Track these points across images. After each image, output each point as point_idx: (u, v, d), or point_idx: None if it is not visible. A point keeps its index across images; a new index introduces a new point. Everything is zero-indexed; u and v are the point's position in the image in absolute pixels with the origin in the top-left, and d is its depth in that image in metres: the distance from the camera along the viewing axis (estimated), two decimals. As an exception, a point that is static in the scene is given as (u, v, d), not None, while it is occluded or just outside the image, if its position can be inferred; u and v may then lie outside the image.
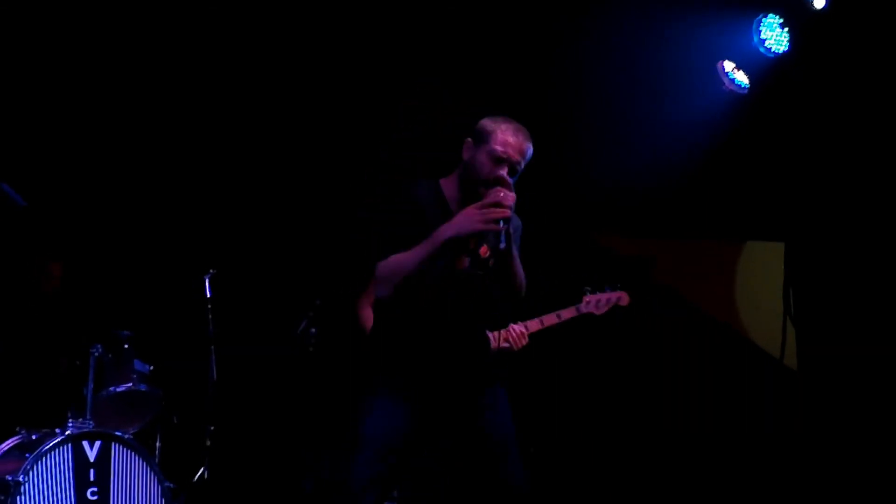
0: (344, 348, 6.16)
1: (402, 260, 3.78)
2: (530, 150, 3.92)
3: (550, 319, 5.52)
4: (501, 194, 3.72)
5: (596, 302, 5.59)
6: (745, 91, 5.70)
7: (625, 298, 5.62)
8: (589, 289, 5.67)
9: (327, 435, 6.50)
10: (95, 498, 5.07)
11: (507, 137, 3.88)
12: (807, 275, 5.46)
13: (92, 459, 5.11)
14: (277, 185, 6.73)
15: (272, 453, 6.51)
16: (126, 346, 5.53)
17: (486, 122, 3.94)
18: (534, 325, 5.51)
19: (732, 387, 6.26)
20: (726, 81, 5.72)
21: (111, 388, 5.44)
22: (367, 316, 5.73)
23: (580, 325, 5.50)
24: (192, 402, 5.88)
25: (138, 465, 5.24)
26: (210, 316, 5.81)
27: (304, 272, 6.61)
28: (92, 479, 5.08)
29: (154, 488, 5.27)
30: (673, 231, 6.58)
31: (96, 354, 5.34)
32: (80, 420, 5.20)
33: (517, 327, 5.59)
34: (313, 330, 5.66)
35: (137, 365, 5.56)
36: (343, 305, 5.82)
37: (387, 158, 6.09)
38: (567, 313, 5.52)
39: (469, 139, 3.97)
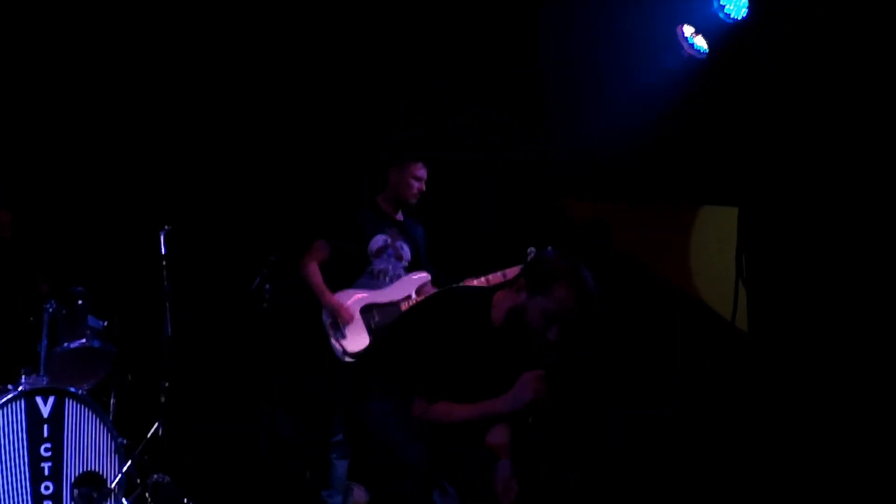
0: (298, 304, 6.18)
1: (442, 416, 3.73)
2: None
3: (496, 278, 5.64)
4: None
5: None
6: (704, 56, 5.73)
7: None
8: (534, 249, 5.73)
9: (282, 391, 6.52)
10: (49, 454, 5.06)
11: (569, 300, 3.73)
12: (759, 239, 5.53)
13: (45, 415, 5.10)
14: (234, 142, 6.70)
15: (227, 410, 6.52)
16: (80, 302, 5.46)
17: (551, 267, 3.82)
18: (480, 283, 5.61)
19: (686, 349, 6.35)
20: (685, 46, 5.75)
21: (65, 345, 5.39)
22: (313, 271, 5.77)
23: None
24: (146, 358, 5.86)
25: (92, 421, 5.23)
26: (165, 272, 5.77)
27: (258, 229, 6.60)
28: (45, 434, 5.08)
29: (108, 444, 5.28)
30: (630, 195, 6.63)
31: (50, 310, 5.31)
32: (34, 376, 5.18)
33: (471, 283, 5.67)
34: (268, 286, 5.66)
35: (91, 321, 5.51)
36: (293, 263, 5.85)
37: (387, 158, 6.08)
38: (512, 271, 5.62)
39: (522, 279, 3.82)
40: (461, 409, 3.72)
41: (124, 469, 5.28)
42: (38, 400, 5.08)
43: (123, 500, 5.27)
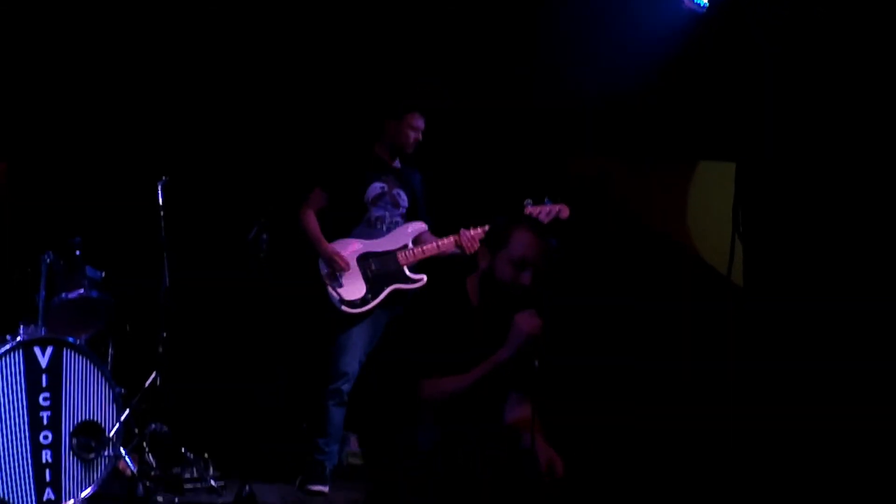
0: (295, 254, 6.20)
1: (457, 384, 3.80)
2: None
3: (447, 244, 5.74)
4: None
5: (538, 213, 5.71)
6: (705, 9, 5.70)
7: (565, 211, 5.76)
8: (530, 201, 5.76)
9: (280, 341, 6.56)
10: (47, 403, 5.11)
11: (529, 239, 3.90)
12: (756, 194, 5.53)
13: (44, 365, 5.13)
14: (231, 92, 6.68)
15: (224, 360, 6.56)
16: (77, 253, 5.48)
17: (504, 224, 3.98)
18: (477, 233, 5.64)
19: (682, 303, 6.37)
20: (686, -1, 5.71)
21: (63, 295, 5.41)
22: (310, 220, 5.78)
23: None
24: (144, 308, 5.89)
25: (90, 371, 5.27)
26: (162, 223, 5.78)
27: (255, 179, 6.60)
28: (44, 384, 5.12)
29: (105, 393, 5.32)
30: (628, 150, 6.62)
31: (48, 261, 5.32)
32: (32, 327, 5.21)
33: (470, 231, 5.69)
34: (265, 236, 5.65)
35: (89, 271, 5.53)
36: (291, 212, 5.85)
37: (384, 108, 6.06)
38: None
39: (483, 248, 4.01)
40: (469, 374, 3.79)
41: (122, 418, 5.33)
42: (37, 350, 5.11)
43: (121, 448, 5.33)
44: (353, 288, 5.72)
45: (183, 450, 5.66)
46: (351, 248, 5.79)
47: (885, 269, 4.96)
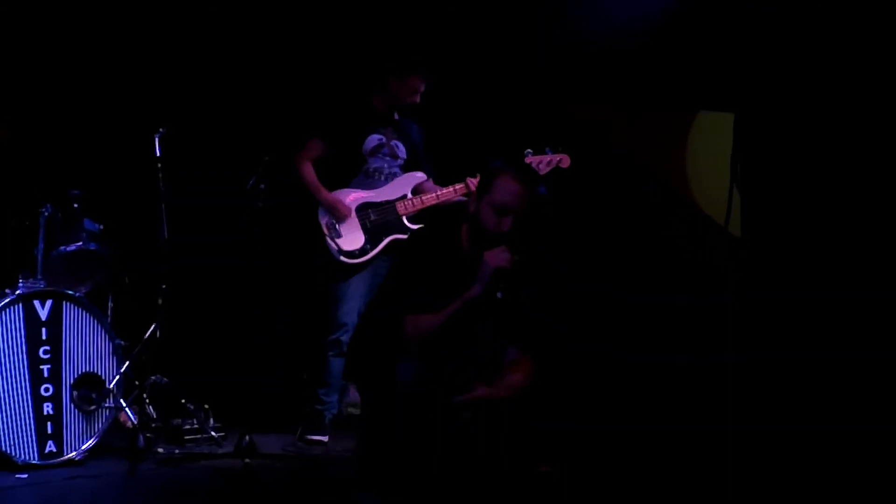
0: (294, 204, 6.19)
1: (433, 321, 3.87)
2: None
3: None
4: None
5: (538, 163, 5.73)
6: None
7: (566, 160, 5.77)
8: (531, 151, 5.77)
9: (279, 291, 6.58)
10: (48, 356, 5.16)
11: (511, 184, 3.95)
12: (754, 145, 5.51)
13: (44, 318, 5.17)
14: (227, 42, 6.64)
15: (224, 311, 6.58)
16: (76, 206, 5.47)
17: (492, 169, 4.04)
18: (473, 182, 5.65)
19: (680, 252, 6.36)
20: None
21: (61, 248, 5.40)
22: (307, 169, 5.77)
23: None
24: (143, 260, 5.90)
25: (90, 324, 5.32)
26: (160, 174, 5.77)
27: (253, 128, 6.58)
28: (44, 337, 5.16)
29: (105, 345, 5.37)
30: (629, 99, 6.58)
31: (46, 214, 5.33)
32: (32, 280, 5.23)
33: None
34: (263, 186, 5.65)
35: (87, 224, 5.52)
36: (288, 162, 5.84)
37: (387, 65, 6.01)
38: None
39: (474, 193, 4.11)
40: (443, 311, 3.87)
41: (122, 370, 5.38)
42: (36, 303, 5.15)
43: (122, 400, 5.37)
44: (351, 238, 5.72)
45: (183, 401, 5.70)
46: (350, 198, 5.79)
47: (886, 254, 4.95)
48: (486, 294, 3.84)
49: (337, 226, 5.70)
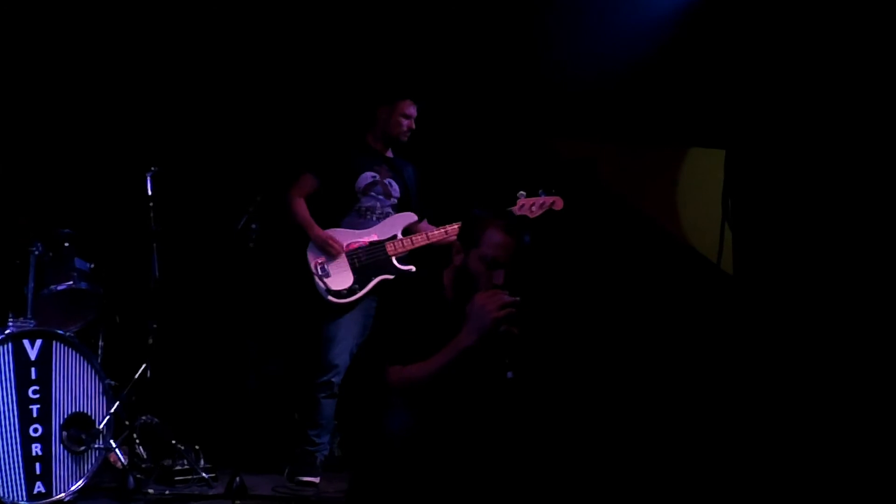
0: (285, 244, 6.18)
1: (422, 372, 3.74)
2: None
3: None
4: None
5: (530, 205, 5.74)
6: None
7: (559, 203, 5.77)
8: (524, 193, 5.78)
9: (271, 331, 6.55)
10: (37, 396, 5.11)
11: (501, 238, 3.88)
12: (745, 182, 5.53)
13: (33, 358, 5.13)
14: (220, 80, 6.65)
15: (215, 351, 6.55)
16: (67, 245, 5.47)
17: (476, 219, 3.96)
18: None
19: (671, 290, 6.36)
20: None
21: (52, 287, 5.40)
22: (299, 205, 5.76)
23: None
24: (133, 299, 5.88)
25: (79, 364, 5.28)
26: (152, 213, 5.76)
27: (245, 168, 6.58)
28: (33, 377, 5.12)
29: (95, 385, 5.33)
30: (618, 136, 6.61)
31: (36, 253, 5.31)
32: (21, 319, 5.20)
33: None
34: (254, 226, 5.64)
35: (78, 263, 5.52)
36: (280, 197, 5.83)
37: (376, 96, 6.03)
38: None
39: (457, 243, 3.98)
40: (433, 360, 3.74)
41: (112, 410, 5.33)
42: (26, 343, 5.11)
43: (112, 441, 5.33)
44: (340, 278, 5.70)
45: (173, 441, 5.65)
46: (340, 237, 5.78)
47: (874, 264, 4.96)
48: (480, 342, 3.72)
49: (326, 265, 5.69)
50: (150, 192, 5.75)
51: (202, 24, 6.52)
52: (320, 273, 5.67)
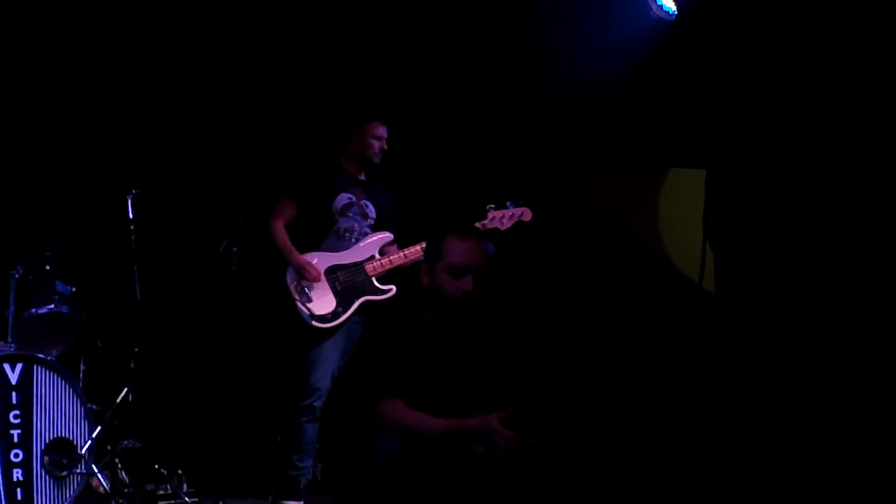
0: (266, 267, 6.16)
1: (417, 423, 3.74)
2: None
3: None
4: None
5: (500, 217, 5.80)
6: (673, 17, 5.73)
7: (528, 214, 5.85)
8: (493, 206, 5.83)
9: (252, 355, 6.53)
10: (18, 421, 5.06)
11: (462, 244, 3.89)
12: (726, 202, 5.56)
13: (14, 382, 5.09)
14: (200, 105, 6.66)
15: (196, 375, 6.51)
16: (48, 268, 5.44)
17: (435, 236, 3.98)
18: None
19: (653, 310, 6.38)
20: (654, 7, 5.74)
21: (33, 310, 5.37)
22: (279, 231, 5.75)
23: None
24: (115, 323, 5.84)
25: (61, 388, 5.23)
26: (133, 236, 5.74)
27: (225, 191, 6.57)
28: (14, 401, 5.08)
29: (77, 410, 5.27)
30: (600, 155, 6.64)
31: (17, 276, 5.29)
32: (2, 343, 5.18)
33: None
34: (235, 249, 5.64)
35: (60, 286, 5.49)
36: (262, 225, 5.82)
37: (347, 118, 6.03)
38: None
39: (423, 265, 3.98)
40: (437, 423, 3.73)
41: (94, 435, 5.28)
42: (6, 367, 5.07)
43: (94, 466, 5.28)
44: (322, 302, 5.69)
45: (156, 466, 5.61)
46: (316, 261, 5.77)
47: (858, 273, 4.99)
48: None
49: (306, 289, 5.67)
50: (130, 215, 5.73)
51: (181, 48, 6.53)
52: (301, 298, 5.66)
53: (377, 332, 4.04)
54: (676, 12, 5.69)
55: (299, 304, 5.65)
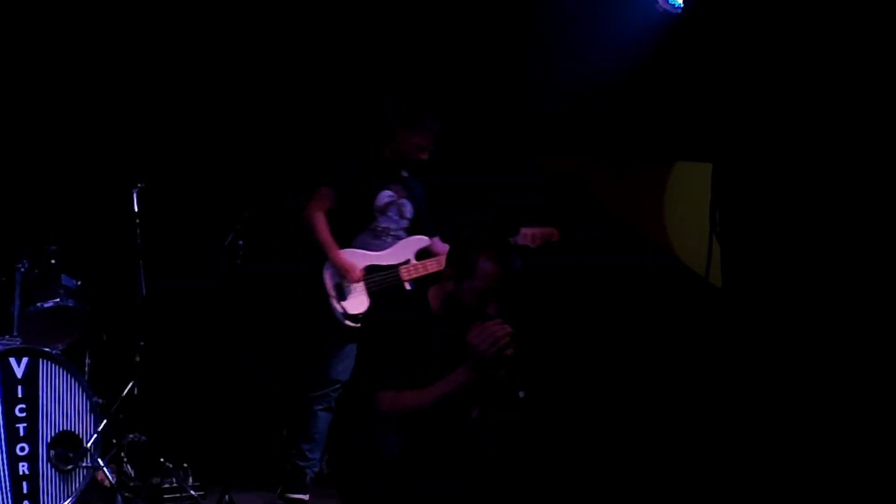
0: (272, 259, 6.16)
1: (413, 401, 3.72)
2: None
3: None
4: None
5: (531, 235, 5.75)
6: (679, 10, 5.70)
7: (556, 235, 5.84)
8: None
9: (258, 348, 6.53)
10: (24, 415, 5.07)
11: (495, 271, 3.84)
12: (733, 195, 5.53)
13: (19, 376, 5.09)
14: (204, 100, 6.65)
15: (202, 368, 6.52)
16: (53, 262, 5.44)
17: (469, 247, 3.93)
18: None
19: (660, 304, 6.36)
20: (661, 0, 5.71)
21: (38, 304, 5.37)
22: (320, 222, 5.66)
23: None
24: (121, 317, 5.85)
25: (67, 381, 5.23)
26: (138, 230, 5.74)
27: (231, 185, 6.57)
28: (20, 395, 5.08)
29: (83, 404, 5.28)
30: (606, 150, 6.63)
31: (22, 270, 5.29)
32: (7, 337, 5.17)
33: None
34: (241, 242, 5.62)
35: (65, 280, 5.49)
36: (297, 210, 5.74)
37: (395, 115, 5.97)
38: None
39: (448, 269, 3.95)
40: (429, 391, 3.72)
41: (100, 429, 5.29)
42: (12, 361, 5.07)
43: (99, 459, 5.29)
44: (356, 302, 5.61)
45: (161, 459, 5.62)
46: (358, 261, 5.69)
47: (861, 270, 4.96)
48: (477, 378, 3.68)
49: (343, 288, 5.62)
50: (136, 209, 5.73)
51: (187, 38, 6.52)
52: (337, 296, 5.60)
53: (380, 325, 3.99)
54: (682, 4, 5.66)
55: (334, 302, 5.59)
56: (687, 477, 5.31)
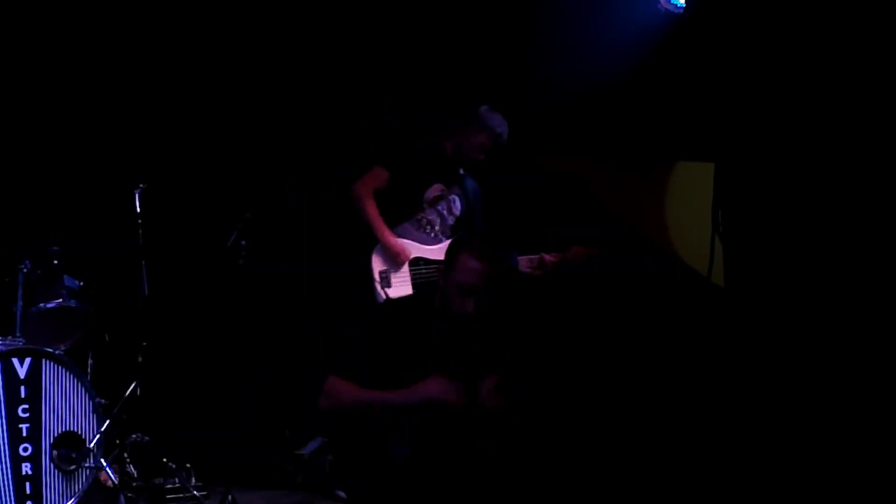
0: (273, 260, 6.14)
1: (349, 397, 3.76)
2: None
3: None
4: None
5: (581, 254, 5.90)
6: (681, 10, 5.71)
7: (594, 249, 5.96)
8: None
9: (261, 348, 6.52)
10: (27, 415, 5.06)
11: (473, 265, 3.85)
12: (735, 194, 5.53)
13: (22, 376, 5.09)
14: (209, 97, 6.65)
15: (205, 368, 6.51)
16: (55, 262, 5.45)
17: (455, 244, 3.99)
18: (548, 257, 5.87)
19: (662, 304, 6.37)
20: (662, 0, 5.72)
21: (41, 305, 5.38)
22: (370, 201, 5.55)
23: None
24: (123, 317, 5.84)
25: (69, 382, 5.23)
26: (140, 231, 5.74)
27: (233, 185, 6.56)
28: (23, 395, 5.07)
29: (85, 404, 5.28)
30: (608, 150, 6.63)
31: (25, 271, 5.29)
32: (10, 337, 5.17)
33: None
34: (243, 242, 5.61)
35: (67, 281, 5.49)
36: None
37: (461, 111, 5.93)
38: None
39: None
40: (364, 395, 3.79)
41: (103, 429, 5.28)
42: (15, 361, 5.07)
43: (102, 460, 5.28)
44: (400, 290, 5.52)
45: (164, 459, 5.61)
46: (407, 248, 5.59)
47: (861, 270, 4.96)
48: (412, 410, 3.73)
49: (389, 275, 5.55)
50: (138, 209, 5.73)
51: (188, 38, 6.51)
52: (382, 281, 5.52)
53: (415, 319, 3.98)
54: (685, 4, 5.67)
55: (378, 286, 5.51)
56: (687, 477, 5.31)
